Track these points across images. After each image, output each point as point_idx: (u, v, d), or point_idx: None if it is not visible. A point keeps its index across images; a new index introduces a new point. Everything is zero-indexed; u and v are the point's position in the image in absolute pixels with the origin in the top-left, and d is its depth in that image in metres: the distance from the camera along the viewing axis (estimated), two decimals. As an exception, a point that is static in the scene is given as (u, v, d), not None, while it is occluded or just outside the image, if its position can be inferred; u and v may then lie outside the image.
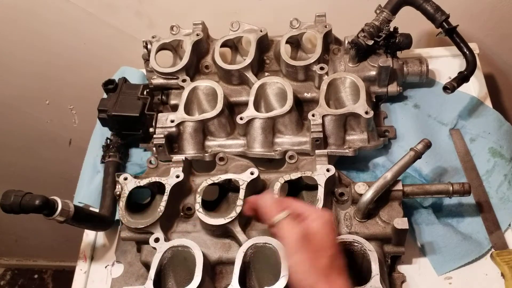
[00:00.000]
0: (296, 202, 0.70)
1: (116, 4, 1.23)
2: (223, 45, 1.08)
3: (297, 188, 0.91)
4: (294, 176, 0.86)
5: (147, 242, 0.82)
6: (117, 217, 0.95)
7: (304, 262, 0.63)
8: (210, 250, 0.83)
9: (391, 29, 0.99)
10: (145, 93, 1.02)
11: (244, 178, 0.86)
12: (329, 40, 1.06)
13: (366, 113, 0.90)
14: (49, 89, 1.51)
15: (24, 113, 1.60)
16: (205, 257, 0.78)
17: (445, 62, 1.13)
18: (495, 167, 0.95)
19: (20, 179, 1.90)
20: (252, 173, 0.86)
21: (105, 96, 1.05)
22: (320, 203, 0.80)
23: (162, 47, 1.08)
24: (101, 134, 1.10)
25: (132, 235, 0.87)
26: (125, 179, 0.89)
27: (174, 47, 1.10)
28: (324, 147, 0.92)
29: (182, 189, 0.90)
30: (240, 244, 0.79)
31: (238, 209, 0.82)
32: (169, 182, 0.87)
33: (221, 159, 0.94)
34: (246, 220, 0.86)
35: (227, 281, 0.82)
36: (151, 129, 0.98)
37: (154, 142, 0.95)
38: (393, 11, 0.99)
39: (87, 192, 1.02)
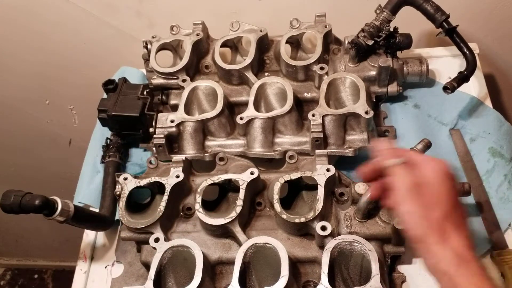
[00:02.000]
0: (412, 152, 0.66)
1: (116, 4, 1.23)
2: (223, 45, 1.08)
3: (297, 188, 0.90)
4: (294, 176, 0.86)
5: (147, 242, 0.82)
6: (117, 217, 0.95)
7: (413, 213, 0.60)
8: (210, 250, 0.83)
9: (391, 29, 0.99)
10: (145, 93, 1.02)
11: (244, 178, 0.86)
12: (329, 40, 1.06)
13: (366, 113, 0.90)
14: (49, 89, 1.51)
15: (24, 113, 1.60)
16: (205, 257, 0.78)
17: (445, 62, 1.13)
18: (495, 167, 0.95)
19: (20, 179, 1.90)
20: (252, 173, 0.86)
21: (105, 96, 1.04)
22: (320, 203, 0.80)
23: (162, 47, 1.08)
24: (101, 134, 1.10)
25: (132, 235, 0.87)
26: (125, 179, 0.89)
27: (174, 47, 1.10)
28: (324, 147, 0.92)
29: (182, 189, 0.90)
30: (240, 244, 0.79)
31: (238, 209, 0.82)
32: (169, 182, 0.87)
33: (221, 159, 0.94)
34: (246, 220, 0.86)
35: (227, 281, 0.82)
36: (151, 129, 0.98)
37: (154, 142, 0.94)
38: (393, 11, 0.99)
39: (87, 192, 1.02)
